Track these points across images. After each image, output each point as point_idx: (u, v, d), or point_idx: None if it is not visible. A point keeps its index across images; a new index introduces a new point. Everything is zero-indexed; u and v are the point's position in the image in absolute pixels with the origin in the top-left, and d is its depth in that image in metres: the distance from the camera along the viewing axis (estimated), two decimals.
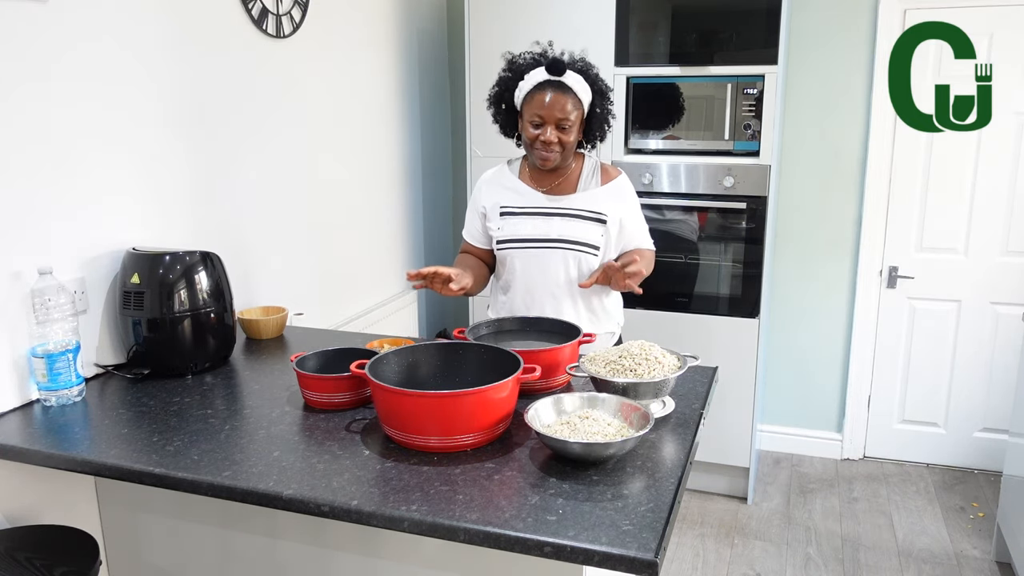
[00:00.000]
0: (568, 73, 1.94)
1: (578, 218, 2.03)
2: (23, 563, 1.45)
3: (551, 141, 1.94)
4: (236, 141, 2.31)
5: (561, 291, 2.06)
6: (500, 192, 2.11)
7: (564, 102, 1.93)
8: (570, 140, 1.97)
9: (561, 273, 2.04)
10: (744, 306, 3.03)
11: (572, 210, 2.04)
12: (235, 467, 1.38)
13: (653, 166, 3.02)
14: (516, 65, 2.01)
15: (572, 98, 1.94)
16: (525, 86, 1.97)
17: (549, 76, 1.94)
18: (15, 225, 1.66)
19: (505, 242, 2.07)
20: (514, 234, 2.06)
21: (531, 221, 2.06)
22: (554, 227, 2.04)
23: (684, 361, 1.61)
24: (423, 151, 3.53)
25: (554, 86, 1.94)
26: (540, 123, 1.94)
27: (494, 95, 2.07)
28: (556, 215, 2.04)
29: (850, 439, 3.52)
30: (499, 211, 2.08)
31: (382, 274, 3.27)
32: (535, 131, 1.95)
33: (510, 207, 2.08)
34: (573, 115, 1.95)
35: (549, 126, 1.94)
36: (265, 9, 2.38)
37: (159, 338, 1.84)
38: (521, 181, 2.10)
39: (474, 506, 1.24)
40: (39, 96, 1.70)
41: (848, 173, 3.30)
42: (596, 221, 2.03)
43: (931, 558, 2.80)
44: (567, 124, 1.94)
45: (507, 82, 2.02)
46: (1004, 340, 3.24)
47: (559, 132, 1.95)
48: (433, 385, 1.56)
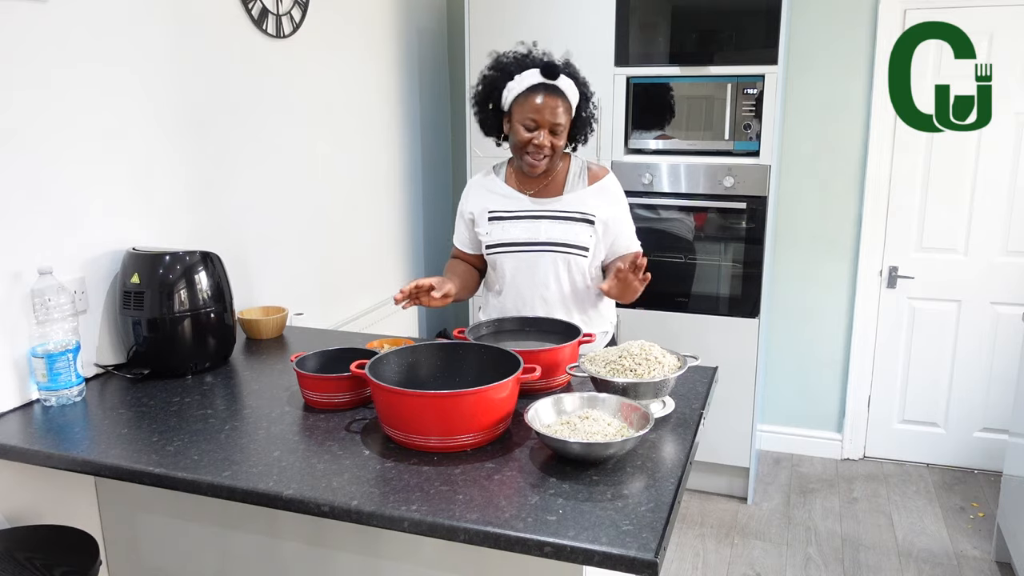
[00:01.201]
0: (560, 76, 1.92)
1: (566, 220, 2.02)
2: (23, 563, 1.45)
3: (544, 145, 1.93)
4: (236, 141, 2.31)
5: (551, 294, 2.05)
6: (487, 197, 2.09)
7: (557, 105, 1.91)
8: (560, 144, 1.96)
9: (551, 276, 2.03)
10: (744, 306, 3.03)
11: (560, 212, 2.03)
12: (235, 467, 1.38)
13: (653, 166, 3.02)
14: (503, 64, 1.99)
15: (564, 102, 1.93)
16: (516, 87, 1.94)
17: (543, 79, 1.91)
18: (15, 225, 1.66)
19: (495, 247, 2.06)
20: (503, 238, 2.04)
21: (520, 225, 2.04)
22: (542, 230, 2.02)
23: (684, 361, 1.61)
24: (423, 151, 3.53)
25: (548, 89, 1.92)
26: (534, 127, 1.92)
27: (480, 94, 2.04)
28: (544, 218, 2.03)
29: (850, 439, 3.52)
30: (487, 216, 2.06)
31: (382, 274, 3.27)
32: (528, 134, 1.93)
33: (498, 211, 2.06)
34: (564, 119, 1.93)
35: (543, 130, 1.92)
36: (265, 9, 2.38)
37: (159, 338, 1.84)
38: (508, 185, 2.08)
39: (474, 506, 1.24)
40: (39, 96, 1.70)
41: (848, 173, 3.30)
42: (584, 222, 2.02)
43: (931, 558, 2.80)
44: (559, 128, 1.93)
45: (495, 81, 1.99)
46: (1004, 340, 3.24)
47: (551, 136, 1.93)
48: (433, 385, 1.56)
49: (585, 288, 2.07)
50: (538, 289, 2.05)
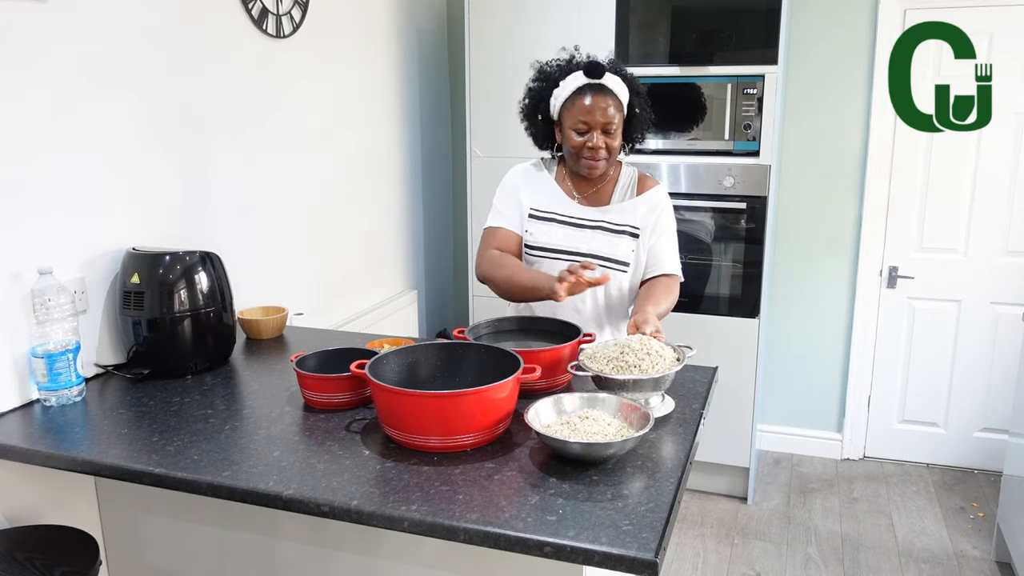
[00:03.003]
0: (606, 75, 1.87)
1: (611, 232, 1.96)
2: (23, 563, 1.45)
3: (599, 147, 1.86)
4: (237, 141, 2.31)
5: (587, 307, 1.99)
6: (535, 191, 2.01)
7: (607, 105, 1.85)
8: (616, 145, 1.89)
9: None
10: (744, 306, 3.03)
11: (606, 223, 1.96)
12: (235, 467, 1.38)
13: (653, 166, 3.02)
14: (546, 73, 1.94)
15: (614, 100, 1.87)
16: (562, 93, 1.89)
17: (588, 80, 1.86)
18: (15, 225, 1.66)
19: (536, 248, 1.99)
20: (544, 242, 1.98)
21: (562, 230, 1.97)
22: (585, 240, 1.96)
23: (682, 353, 1.60)
24: (423, 151, 3.53)
25: (595, 89, 1.86)
26: (586, 129, 1.86)
27: (527, 107, 1.98)
28: (588, 227, 1.97)
29: (850, 439, 3.52)
30: (528, 212, 2.00)
31: (382, 274, 3.27)
32: (580, 138, 1.87)
33: (541, 211, 1.99)
34: (617, 118, 1.87)
35: (595, 131, 1.86)
36: (265, 9, 2.38)
37: (159, 338, 1.84)
38: (557, 185, 2.01)
39: (474, 506, 1.24)
40: (39, 96, 1.70)
41: (848, 173, 3.30)
42: (629, 235, 1.96)
43: (931, 558, 2.80)
44: (612, 128, 1.86)
45: (540, 92, 1.94)
46: (1004, 340, 3.24)
47: (605, 137, 1.87)
48: (433, 385, 1.56)
49: (620, 302, 2.02)
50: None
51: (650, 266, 2.00)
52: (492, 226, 2.04)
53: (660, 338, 1.65)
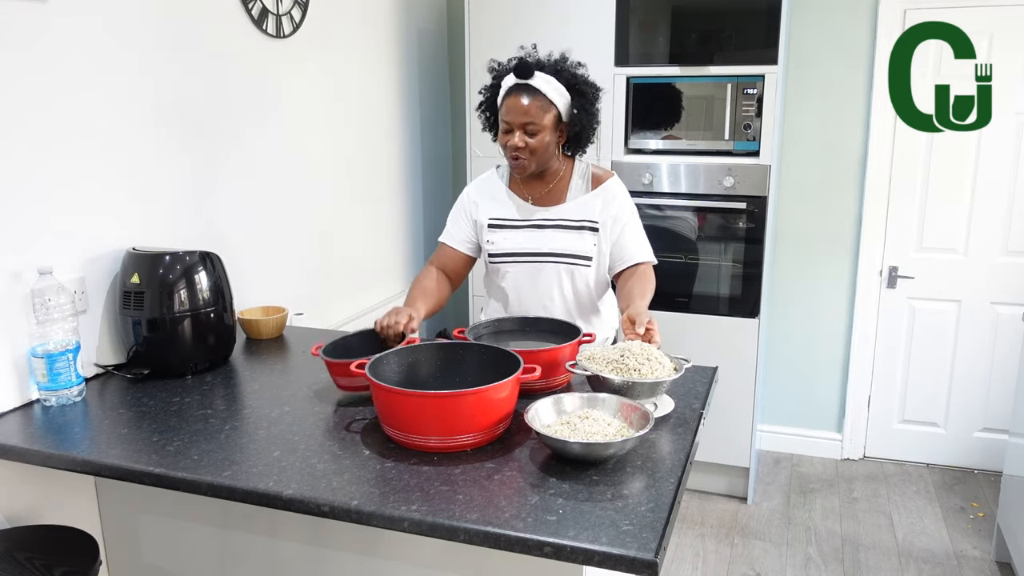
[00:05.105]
0: (537, 75, 1.88)
1: (569, 229, 2.00)
2: (23, 563, 1.45)
3: (517, 145, 1.89)
4: (236, 141, 2.31)
5: (555, 304, 2.04)
6: (489, 204, 2.07)
7: (529, 105, 1.87)
8: (539, 145, 1.90)
9: (555, 286, 2.02)
10: (744, 306, 3.03)
11: (562, 221, 2.00)
12: (235, 467, 1.38)
13: (653, 166, 3.02)
14: (496, 71, 1.99)
15: (540, 100, 1.88)
16: (501, 93, 1.93)
17: (517, 80, 1.89)
18: (15, 225, 1.66)
19: (498, 256, 2.05)
20: (507, 248, 2.03)
21: (523, 234, 2.02)
22: (545, 240, 2.00)
23: (679, 364, 1.61)
24: (423, 151, 3.53)
25: (521, 89, 1.89)
26: (508, 128, 1.90)
27: (482, 104, 2.03)
28: (547, 227, 2.01)
29: (850, 439, 3.52)
30: (487, 223, 2.05)
31: (382, 274, 3.27)
32: (505, 137, 1.92)
33: (499, 219, 2.04)
34: (541, 118, 1.88)
35: (517, 131, 1.89)
36: (265, 9, 2.38)
37: (159, 338, 1.84)
38: (511, 191, 2.06)
39: (474, 506, 1.24)
40: (39, 96, 1.70)
41: (848, 173, 3.30)
42: (588, 230, 2.00)
43: (931, 558, 2.80)
44: (533, 128, 1.88)
45: (492, 90, 1.99)
46: (1004, 340, 3.24)
47: (527, 137, 1.89)
48: (433, 385, 1.56)
49: (588, 296, 2.06)
50: (541, 299, 2.04)
51: (621, 258, 2.02)
52: (440, 241, 2.13)
53: (654, 329, 1.68)
